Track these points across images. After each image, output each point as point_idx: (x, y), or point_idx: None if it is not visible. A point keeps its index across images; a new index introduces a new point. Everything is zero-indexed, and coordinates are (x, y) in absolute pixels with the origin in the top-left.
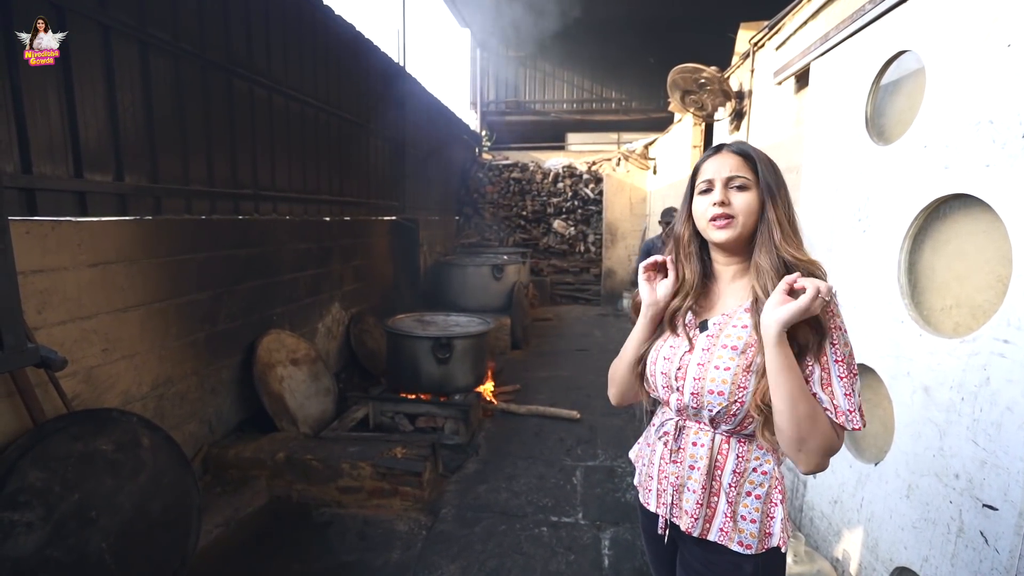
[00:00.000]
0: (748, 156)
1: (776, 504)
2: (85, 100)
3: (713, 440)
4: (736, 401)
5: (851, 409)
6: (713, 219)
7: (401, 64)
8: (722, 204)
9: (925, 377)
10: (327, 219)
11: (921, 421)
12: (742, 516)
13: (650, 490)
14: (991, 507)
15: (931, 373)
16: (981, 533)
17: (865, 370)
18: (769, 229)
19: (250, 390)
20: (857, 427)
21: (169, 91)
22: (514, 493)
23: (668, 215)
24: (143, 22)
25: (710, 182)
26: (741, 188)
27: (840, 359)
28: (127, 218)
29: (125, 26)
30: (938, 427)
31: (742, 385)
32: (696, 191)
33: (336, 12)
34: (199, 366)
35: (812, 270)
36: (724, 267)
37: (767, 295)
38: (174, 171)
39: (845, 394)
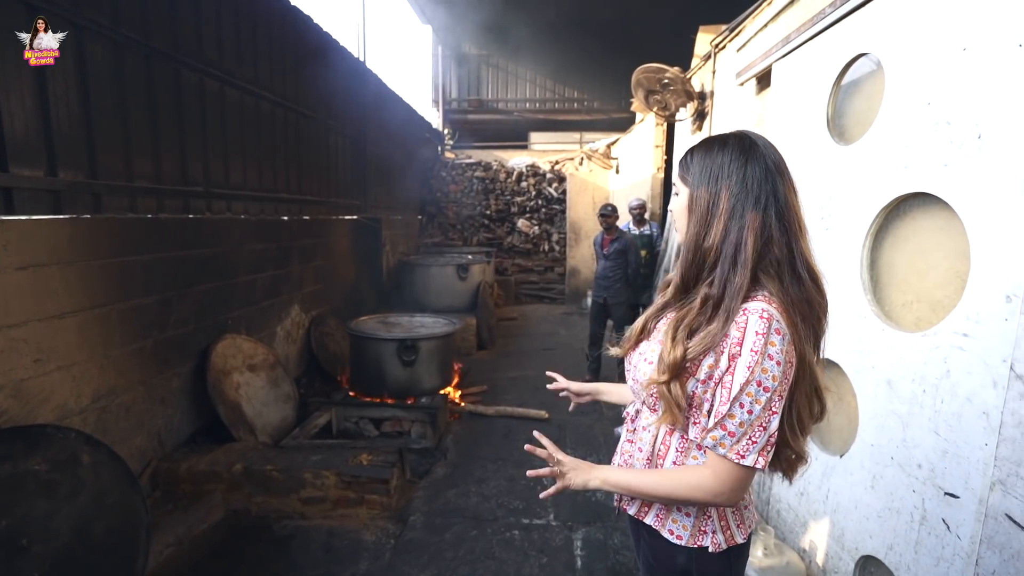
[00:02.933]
0: (682, 160)
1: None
2: (10, 87)
3: (659, 429)
4: (652, 395)
5: (711, 429)
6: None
7: (362, 60)
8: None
9: (888, 370)
10: (285, 218)
11: (885, 413)
12: (678, 508)
13: (613, 462)
14: (952, 495)
15: (893, 366)
16: (943, 520)
17: (830, 365)
18: (684, 232)
19: (204, 399)
20: (700, 440)
21: (109, 80)
22: (484, 497)
23: (604, 209)
24: (77, 4)
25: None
26: (676, 195)
27: (746, 382)
28: (62, 216)
29: (55, 7)
30: (901, 419)
31: None
32: None
33: (292, 2)
34: (147, 375)
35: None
36: None
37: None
38: (116, 167)
39: (722, 415)
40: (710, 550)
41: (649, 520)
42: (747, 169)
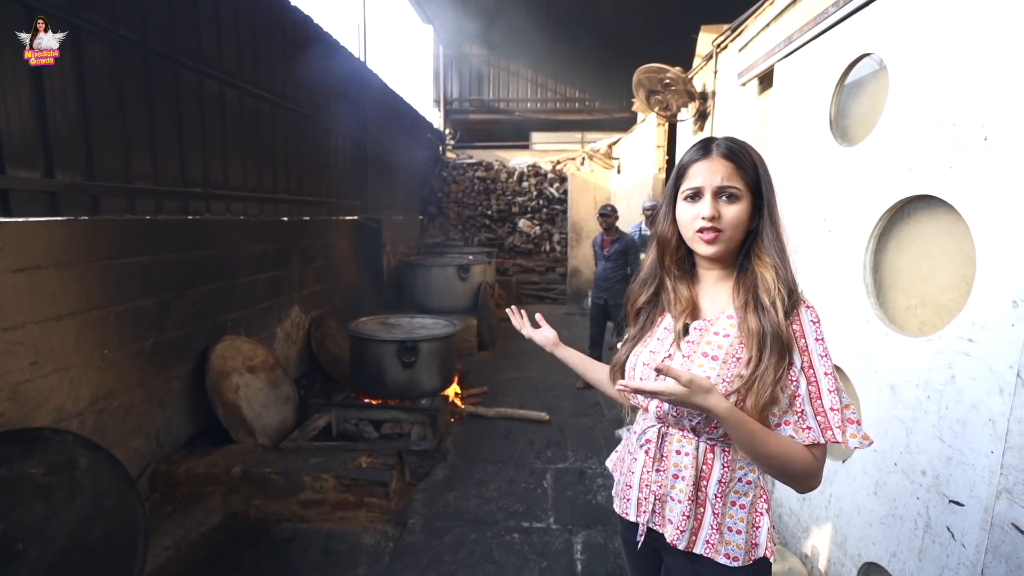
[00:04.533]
0: (740, 161)
1: (761, 513)
2: (6, 87)
3: (698, 448)
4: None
5: (840, 425)
6: (700, 231)
7: (362, 60)
8: (712, 219)
9: (891, 375)
10: (285, 219)
11: (888, 419)
12: (728, 527)
13: (628, 499)
14: (957, 503)
15: (897, 371)
16: (948, 528)
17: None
18: (767, 238)
19: (203, 401)
20: (844, 441)
21: (107, 81)
22: (484, 499)
23: (604, 209)
24: (74, 4)
25: (698, 190)
26: (732, 199)
27: (829, 372)
28: (59, 218)
29: (53, 7)
30: (904, 424)
31: None
32: (681, 196)
33: (292, 2)
34: (145, 377)
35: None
36: (707, 271)
37: (774, 308)
38: (114, 168)
39: (831, 408)
40: (770, 558)
41: (699, 549)
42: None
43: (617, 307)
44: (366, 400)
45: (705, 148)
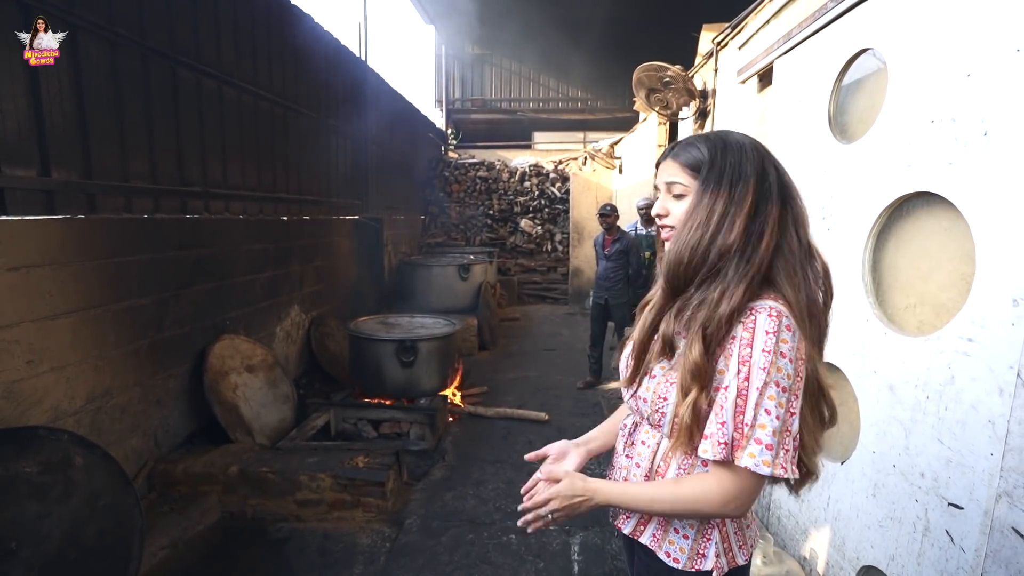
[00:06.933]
0: (691, 158)
1: (714, 526)
2: (1, 85)
3: (659, 444)
4: (657, 411)
5: (742, 440)
6: (662, 227)
7: (363, 59)
8: (659, 216)
9: (890, 375)
10: (285, 218)
11: (887, 420)
12: (675, 528)
13: (610, 478)
14: (957, 506)
15: (896, 371)
16: (947, 532)
17: (831, 369)
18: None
19: (201, 400)
20: (736, 458)
21: (104, 80)
22: (482, 500)
23: (604, 209)
24: (71, 3)
25: (658, 188)
26: (679, 197)
27: (759, 386)
28: (55, 217)
29: (49, 6)
30: (903, 426)
31: (663, 396)
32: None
33: (292, 1)
34: (142, 376)
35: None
36: None
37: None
38: (111, 167)
39: (747, 424)
40: (714, 575)
41: (645, 540)
42: (764, 165)
43: (618, 307)
44: (365, 400)
45: (672, 146)
